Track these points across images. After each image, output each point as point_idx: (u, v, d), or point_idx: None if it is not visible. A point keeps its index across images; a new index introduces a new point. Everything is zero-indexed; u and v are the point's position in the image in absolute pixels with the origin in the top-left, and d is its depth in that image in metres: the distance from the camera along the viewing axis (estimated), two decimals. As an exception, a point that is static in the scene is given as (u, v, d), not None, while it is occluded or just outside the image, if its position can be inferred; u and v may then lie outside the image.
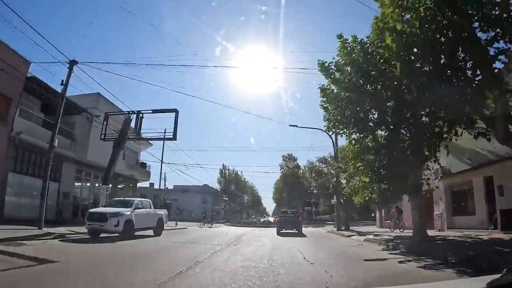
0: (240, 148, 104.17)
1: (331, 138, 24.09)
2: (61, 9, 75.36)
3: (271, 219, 43.76)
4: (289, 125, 24.21)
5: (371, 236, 15.00)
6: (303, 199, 59.67)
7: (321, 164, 52.43)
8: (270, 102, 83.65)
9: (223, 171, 60.61)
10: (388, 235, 14.96)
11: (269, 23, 61.53)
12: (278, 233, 18.82)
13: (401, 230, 17.94)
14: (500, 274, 1.27)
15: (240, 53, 59.66)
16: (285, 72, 62.63)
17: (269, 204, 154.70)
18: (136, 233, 14.27)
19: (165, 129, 16.60)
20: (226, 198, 62.65)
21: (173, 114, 16.92)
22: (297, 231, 19.11)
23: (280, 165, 59.25)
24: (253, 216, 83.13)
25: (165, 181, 59.21)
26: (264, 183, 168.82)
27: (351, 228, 23.12)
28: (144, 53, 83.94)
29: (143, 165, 29.11)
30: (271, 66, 64.09)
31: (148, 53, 78.68)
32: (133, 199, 14.91)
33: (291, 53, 69.41)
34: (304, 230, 22.29)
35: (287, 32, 74.01)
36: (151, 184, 70.66)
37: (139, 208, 14.12)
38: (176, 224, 29.91)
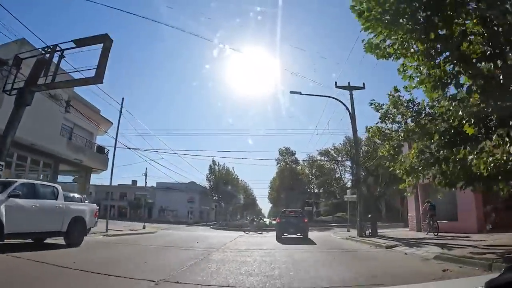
0: (233, 132, 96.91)
1: (347, 109, 17.76)
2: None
3: (267, 220, 37.15)
4: (290, 92, 17.74)
5: (438, 249, 8.62)
6: (302, 198, 53.30)
7: (322, 158, 45.99)
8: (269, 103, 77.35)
9: (213, 167, 53.96)
10: (474, 243, 8.56)
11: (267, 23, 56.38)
12: (278, 239, 14.93)
13: (435, 233, 13.79)
14: (498, 274, 1.29)
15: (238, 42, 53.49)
16: (282, 69, 58.08)
17: (263, 205, 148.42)
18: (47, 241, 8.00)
19: (85, 68, 9.86)
20: (216, 197, 55.94)
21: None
22: (302, 236, 15.47)
23: (276, 160, 52.70)
24: (248, 217, 75.85)
25: (146, 177, 52.76)
26: (259, 181, 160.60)
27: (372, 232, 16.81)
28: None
29: (101, 150, 22.46)
30: (269, 63, 58.40)
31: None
32: (15, 180, 8.31)
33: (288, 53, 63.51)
34: (310, 235, 16.49)
35: (284, 32, 69.53)
36: (134, 182, 63.93)
37: (19, 196, 7.56)
38: (144, 227, 23.30)
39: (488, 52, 5.08)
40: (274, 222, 45.70)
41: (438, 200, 14.54)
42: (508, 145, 4.97)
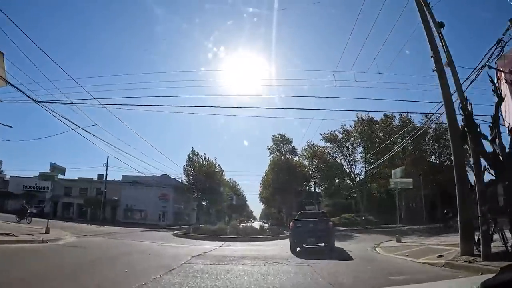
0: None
1: None
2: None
3: (257, 224, 27.62)
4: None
5: None
6: (300, 197, 43.89)
7: (327, 144, 36.18)
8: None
9: (192, 157, 44.18)
10: None
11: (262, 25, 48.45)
12: (293, 251, 10.63)
13: None
14: (494, 274, 1.29)
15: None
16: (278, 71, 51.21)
17: (255, 206, 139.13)
18: None
19: None
20: (196, 195, 45.97)
21: None
22: (326, 246, 11.05)
23: (269, 149, 43.15)
24: (238, 221, 64.94)
25: (106, 168, 42.75)
26: (251, 173, 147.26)
27: (428, 241, 8.41)
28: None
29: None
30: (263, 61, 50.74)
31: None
32: None
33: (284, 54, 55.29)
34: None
35: (280, 34, 62.30)
36: (100, 176, 53.22)
37: None
38: (47, 231, 13.55)
39: None
40: (266, 225, 36.40)
41: None
42: None
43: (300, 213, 14.16)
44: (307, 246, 11.15)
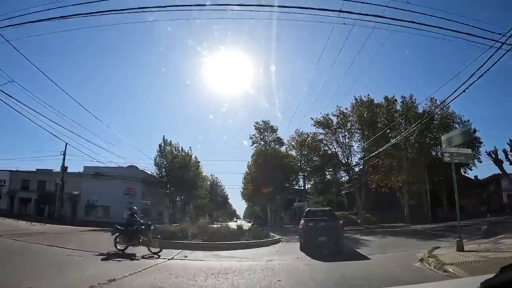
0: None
1: None
2: None
3: (234, 224, 22.67)
4: None
5: None
6: (287, 193, 39.03)
7: (320, 130, 31.21)
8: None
9: (164, 147, 38.63)
10: None
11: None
12: (304, 250, 10.36)
13: None
14: (494, 274, 1.25)
15: None
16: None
17: (239, 205, 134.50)
18: None
19: None
20: (169, 190, 40.38)
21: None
22: (336, 245, 10.40)
23: (251, 138, 37.81)
24: (221, 220, 60.03)
25: (64, 156, 36.63)
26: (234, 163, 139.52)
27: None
28: None
29: None
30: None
31: None
32: None
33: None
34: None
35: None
36: (66, 168, 46.59)
37: None
38: None
39: None
40: (249, 224, 31.86)
41: None
42: None
43: (308, 211, 13.35)
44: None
